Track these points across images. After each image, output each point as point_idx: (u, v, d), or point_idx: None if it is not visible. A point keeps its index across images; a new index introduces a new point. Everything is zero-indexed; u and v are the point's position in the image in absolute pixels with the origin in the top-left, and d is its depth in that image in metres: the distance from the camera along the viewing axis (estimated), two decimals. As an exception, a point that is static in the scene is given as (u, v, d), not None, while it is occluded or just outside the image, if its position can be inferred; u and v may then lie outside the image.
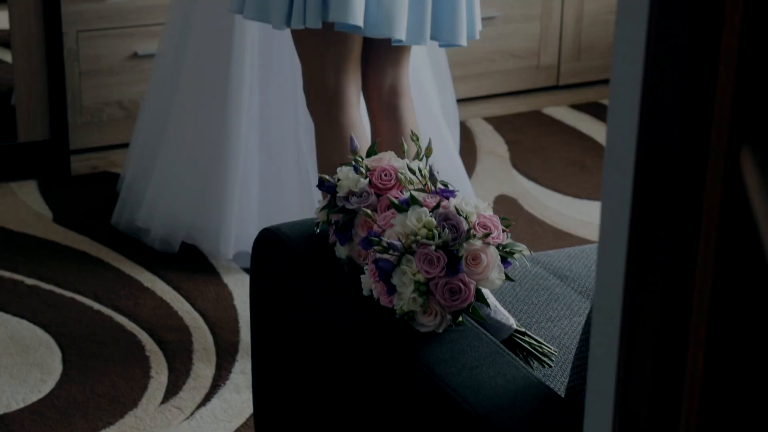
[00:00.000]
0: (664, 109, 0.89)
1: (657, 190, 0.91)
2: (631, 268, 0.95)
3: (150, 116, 3.34)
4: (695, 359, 0.87)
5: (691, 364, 0.88)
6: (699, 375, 0.87)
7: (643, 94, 0.91)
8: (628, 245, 0.95)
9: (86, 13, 3.60)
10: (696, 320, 0.87)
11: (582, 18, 4.27)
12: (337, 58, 2.66)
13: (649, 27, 0.90)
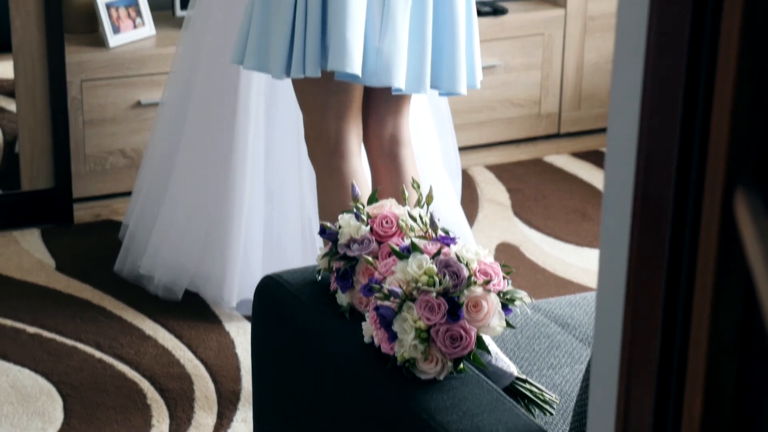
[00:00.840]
0: (660, 155, 0.90)
1: (654, 237, 0.92)
2: (630, 315, 0.96)
3: (153, 164, 3.35)
4: (693, 405, 0.87)
5: (689, 410, 0.88)
6: (697, 421, 0.87)
7: (640, 141, 0.92)
8: (626, 292, 0.95)
9: (90, 63, 3.62)
10: (693, 366, 0.88)
11: (582, 67, 4.30)
12: (337, 107, 2.68)
13: (645, 74, 0.91)
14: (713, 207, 0.80)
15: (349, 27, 2.50)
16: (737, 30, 0.76)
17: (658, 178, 0.91)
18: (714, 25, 0.85)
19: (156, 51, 3.69)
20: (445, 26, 2.65)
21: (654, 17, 0.91)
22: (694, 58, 0.85)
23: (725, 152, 0.77)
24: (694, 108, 0.86)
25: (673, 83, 0.87)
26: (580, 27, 4.26)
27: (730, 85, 0.76)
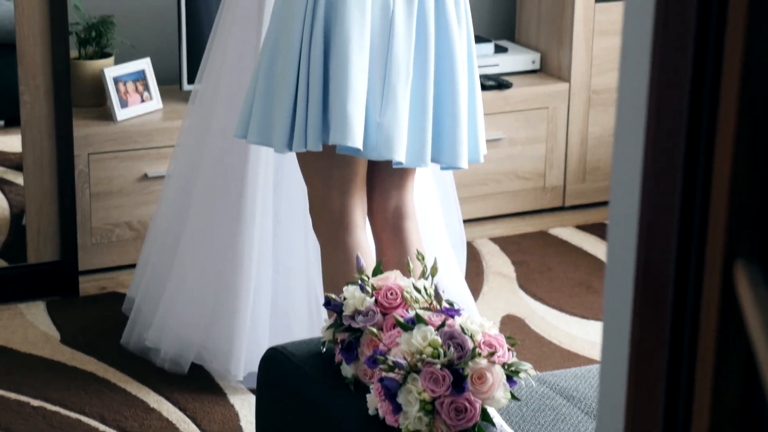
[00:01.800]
0: (661, 228, 0.91)
1: (656, 308, 0.93)
2: (633, 386, 0.96)
3: (159, 236, 3.36)
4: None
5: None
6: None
7: (641, 214, 0.93)
8: (629, 363, 0.96)
9: (98, 136, 3.65)
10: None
11: (586, 140, 4.33)
12: (341, 181, 2.69)
13: (645, 148, 0.92)
14: (713, 279, 0.81)
15: (351, 101, 2.53)
16: (735, 106, 0.77)
17: (659, 251, 0.92)
18: (712, 100, 0.86)
19: (163, 124, 3.72)
20: (446, 100, 2.67)
21: (654, 92, 0.92)
22: (694, 132, 0.87)
23: (724, 225, 0.78)
24: (694, 182, 0.87)
25: (673, 157, 0.88)
26: (584, 101, 4.29)
27: (728, 159, 0.77)
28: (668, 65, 0.92)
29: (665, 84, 0.92)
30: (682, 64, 0.89)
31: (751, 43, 0.80)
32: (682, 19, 0.90)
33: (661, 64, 0.92)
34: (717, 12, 0.87)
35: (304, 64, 2.58)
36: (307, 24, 2.58)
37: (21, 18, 3.43)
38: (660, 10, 0.93)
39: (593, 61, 4.28)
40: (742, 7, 0.82)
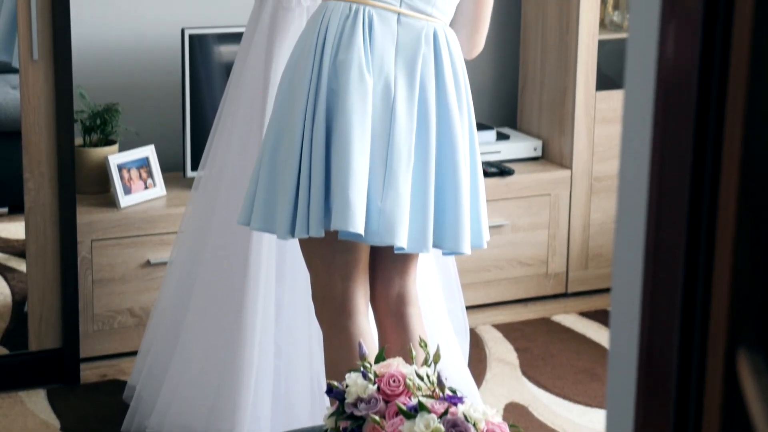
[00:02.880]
0: (664, 317, 0.91)
1: (659, 397, 0.92)
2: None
3: (162, 323, 3.36)
4: None
5: None
6: None
7: (643, 303, 0.93)
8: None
9: (101, 223, 3.66)
10: None
11: (589, 227, 4.33)
12: (344, 267, 2.70)
13: (647, 236, 0.92)
14: (716, 367, 0.81)
15: (352, 187, 2.54)
16: (735, 193, 0.78)
17: (662, 338, 0.92)
18: (713, 187, 0.86)
19: (166, 211, 3.73)
20: (448, 186, 2.68)
21: (654, 180, 0.93)
22: (695, 220, 0.87)
23: (727, 313, 0.78)
24: (696, 269, 0.87)
25: (675, 245, 0.89)
26: (586, 188, 4.31)
27: (730, 246, 0.77)
28: (669, 153, 0.92)
29: (666, 172, 0.92)
30: (682, 152, 0.90)
31: (750, 131, 0.81)
32: (682, 107, 0.91)
33: (661, 152, 0.93)
34: (716, 100, 0.87)
35: (307, 150, 2.60)
36: (309, 110, 2.61)
37: (27, 106, 3.46)
38: (659, 98, 0.94)
39: (595, 148, 4.31)
40: (741, 95, 0.83)
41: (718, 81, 0.86)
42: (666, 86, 0.93)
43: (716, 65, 0.87)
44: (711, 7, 0.88)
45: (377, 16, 2.64)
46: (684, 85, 0.90)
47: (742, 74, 0.84)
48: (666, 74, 0.93)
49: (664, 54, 0.94)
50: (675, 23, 0.92)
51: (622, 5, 4.47)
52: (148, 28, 4.01)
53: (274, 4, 3.10)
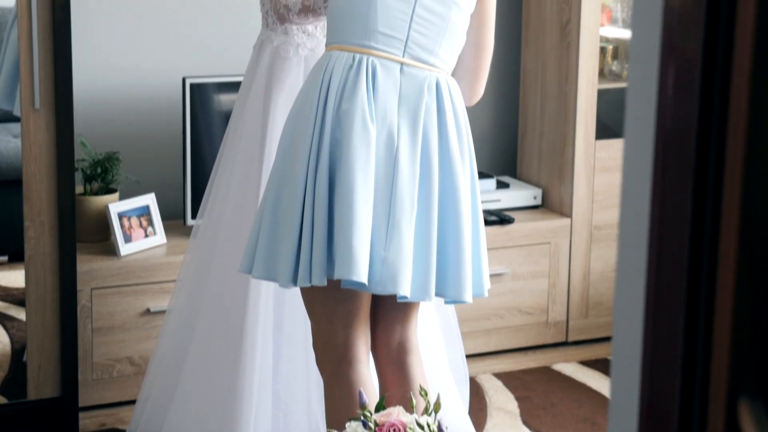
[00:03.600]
0: (664, 368, 0.90)
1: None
2: None
3: (160, 370, 3.34)
4: None
5: None
6: None
7: (644, 352, 0.93)
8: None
9: (101, 271, 3.66)
10: None
11: (589, 275, 4.33)
12: (345, 315, 2.69)
13: (647, 284, 0.92)
14: (718, 417, 0.81)
15: (356, 235, 2.54)
16: (735, 242, 0.78)
17: (663, 388, 0.92)
18: (713, 237, 0.87)
19: (166, 259, 3.73)
20: (449, 235, 2.68)
21: (654, 229, 0.93)
22: (695, 269, 0.87)
23: (727, 363, 0.78)
24: (697, 318, 0.87)
25: (675, 294, 0.88)
26: (586, 236, 4.31)
27: (730, 297, 0.77)
28: (669, 202, 0.92)
29: (666, 221, 0.93)
30: (682, 201, 0.90)
31: (750, 181, 0.81)
32: (682, 156, 0.91)
33: (661, 201, 0.93)
34: (716, 149, 0.88)
35: (309, 199, 2.60)
36: (312, 159, 2.61)
37: (28, 155, 3.47)
38: (659, 147, 0.95)
39: (594, 197, 4.32)
40: (740, 144, 0.83)
41: (717, 130, 0.87)
42: (665, 135, 0.94)
43: (715, 115, 0.87)
44: (709, 57, 0.89)
45: (380, 66, 2.66)
46: (683, 134, 0.91)
47: (741, 123, 0.84)
48: (665, 123, 0.94)
49: (663, 103, 0.94)
50: (674, 73, 0.93)
51: (621, 55, 4.49)
52: (149, 77, 4.03)
53: (271, 53, 3.11)
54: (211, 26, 4.08)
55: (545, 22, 4.34)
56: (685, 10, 0.89)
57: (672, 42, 0.92)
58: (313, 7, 2.97)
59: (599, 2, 4.19)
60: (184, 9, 4.04)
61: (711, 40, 0.87)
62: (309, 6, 2.97)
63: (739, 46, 0.84)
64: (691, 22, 0.89)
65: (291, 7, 2.99)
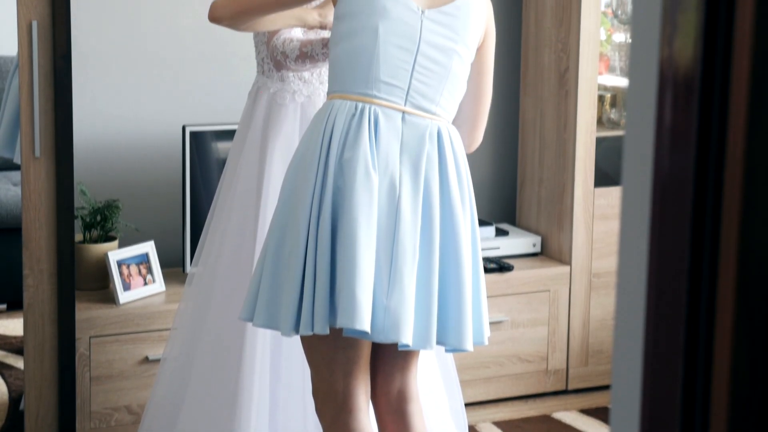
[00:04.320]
0: (662, 416, 0.90)
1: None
2: None
3: (156, 418, 3.33)
4: None
5: None
6: None
7: (643, 402, 0.93)
8: None
9: (100, 319, 3.66)
10: None
11: (588, 323, 4.32)
12: (346, 363, 2.69)
13: (646, 332, 0.92)
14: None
15: (358, 284, 2.54)
16: (732, 292, 0.78)
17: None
18: (711, 286, 0.87)
19: (165, 307, 3.73)
20: (451, 283, 2.68)
21: (653, 277, 0.93)
22: (693, 318, 0.87)
23: (726, 413, 0.78)
24: (695, 369, 0.87)
25: (674, 343, 0.88)
26: (586, 284, 4.31)
27: (728, 346, 0.77)
28: (666, 250, 0.93)
29: (664, 268, 0.93)
30: (680, 248, 0.90)
31: (747, 229, 0.82)
32: (679, 204, 0.91)
33: (659, 249, 0.93)
34: (713, 199, 0.88)
35: (312, 247, 2.60)
36: (314, 207, 2.62)
37: (28, 203, 3.47)
38: (657, 195, 0.95)
39: (593, 244, 4.32)
40: (737, 193, 0.84)
41: (714, 178, 0.87)
42: (663, 183, 0.94)
43: (712, 162, 0.87)
44: (706, 107, 0.89)
45: (382, 114, 2.67)
46: (680, 182, 0.91)
47: (737, 171, 0.84)
48: (663, 171, 0.94)
49: (660, 151, 0.95)
50: (671, 122, 0.93)
51: (620, 103, 4.51)
52: (149, 125, 4.04)
53: (268, 100, 3.12)
54: (211, 74, 4.10)
55: (543, 71, 4.36)
56: (682, 61, 0.90)
57: (669, 91, 0.92)
58: (310, 54, 2.98)
59: (597, 51, 4.21)
60: (184, 58, 4.06)
61: (707, 90, 0.88)
62: (307, 53, 2.99)
63: (735, 97, 0.84)
64: (688, 73, 0.89)
65: (288, 54, 3.01)
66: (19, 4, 3.40)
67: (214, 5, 2.82)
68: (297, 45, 3.00)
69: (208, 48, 4.08)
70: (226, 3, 2.80)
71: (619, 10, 4.48)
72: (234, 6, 2.79)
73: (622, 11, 4.48)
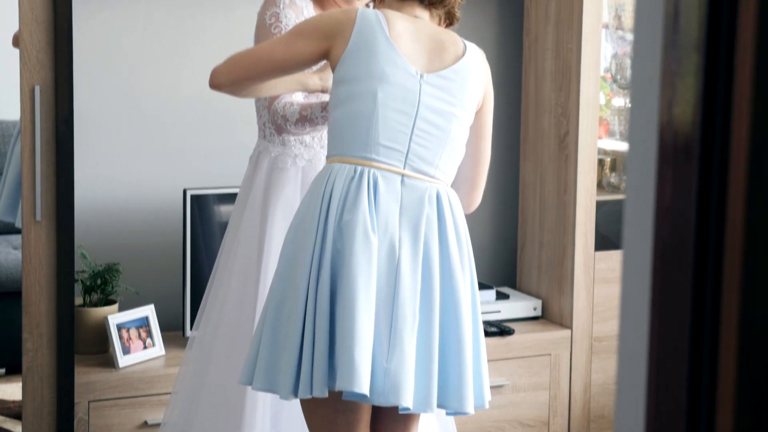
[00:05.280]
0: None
1: None
2: None
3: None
4: None
5: None
6: None
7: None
8: None
9: (99, 384, 3.64)
10: None
11: (590, 388, 4.30)
12: (346, 427, 2.67)
13: (648, 398, 0.92)
14: None
15: (357, 346, 2.53)
16: (734, 353, 0.78)
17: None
18: (712, 350, 0.86)
19: (165, 371, 3.71)
20: (451, 345, 2.68)
21: (654, 343, 0.93)
22: (695, 383, 0.87)
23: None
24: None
25: (675, 410, 0.88)
26: (587, 348, 4.29)
27: (730, 410, 0.77)
28: (667, 314, 0.92)
29: (665, 332, 0.92)
30: (681, 313, 0.90)
31: (747, 292, 0.81)
32: (680, 268, 0.91)
33: (660, 313, 0.93)
34: (714, 263, 0.88)
35: (311, 310, 2.60)
36: (314, 270, 2.62)
37: (28, 267, 3.47)
38: (657, 260, 0.95)
39: (594, 308, 4.31)
40: (738, 257, 0.84)
41: (714, 244, 0.87)
42: (663, 248, 0.94)
43: (712, 230, 0.88)
44: (705, 170, 0.90)
45: (382, 177, 2.67)
46: (681, 246, 0.91)
47: (737, 235, 0.84)
48: (663, 236, 0.94)
49: (660, 216, 0.95)
50: (671, 185, 0.93)
51: (619, 167, 4.53)
52: (150, 189, 4.05)
53: (269, 164, 3.13)
54: (212, 138, 4.11)
55: (543, 135, 4.38)
56: (681, 126, 0.90)
57: (668, 156, 0.93)
58: (310, 117, 3.00)
59: (596, 115, 4.23)
60: (185, 121, 4.08)
61: (707, 155, 0.88)
62: (307, 116, 3.00)
63: (734, 162, 0.84)
64: (687, 138, 0.90)
65: (289, 117, 3.02)
66: (23, 68, 3.43)
67: (215, 72, 2.83)
68: (297, 108, 3.01)
69: (209, 111, 4.10)
70: (226, 70, 2.81)
71: (619, 74, 4.52)
72: (235, 73, 2.80)
73: (622, 76, 4.51)
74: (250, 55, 2.80)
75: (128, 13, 3.99)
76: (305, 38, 2.75)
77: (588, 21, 4.17)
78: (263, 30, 3.07)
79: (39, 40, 3.43)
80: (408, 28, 2.75)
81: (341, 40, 2.72)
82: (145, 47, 4.01)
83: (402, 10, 2.80)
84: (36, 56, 3.43)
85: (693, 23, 0.89)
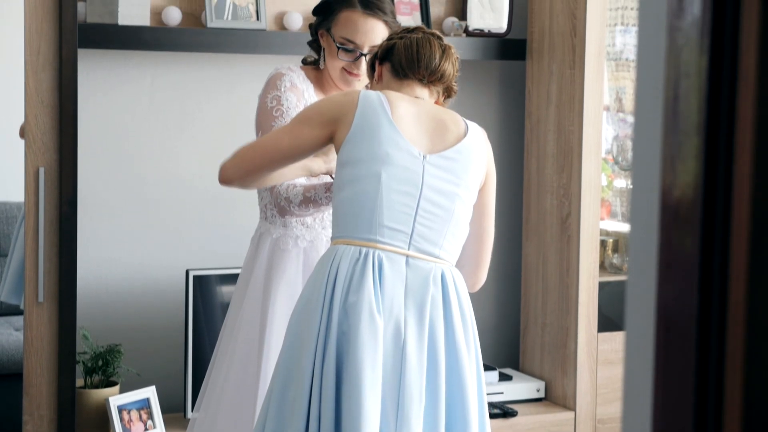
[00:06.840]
0: None
1: None
2: None
3: None
4: None
5: None
6: None
7: None
8: None
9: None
10: None
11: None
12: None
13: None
14: None
15: (364, 428, 2.52)
16: (739, 406, 0.77)
17: None
18: (718, 398, 0.86)
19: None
20: (457, 426, 2.67)
21: (658, 422, 0.93)
22: None
23: None
24: None
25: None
26: (590, 430, 4.27)
27: None
28: (670, 396, 0.92)
29: (668, 415, 0.92)
30: (684, 395, 0.90)
31: (751, 375, 0.81)
32: (683, 350, 0.91)
33: (663, 395, 0.93)
34: (716, 344, 0.88)
35: (316, 392, 2.59)
36: (319, 352, 2.61)
37: (30, 348, 3.47)
38: (660, 341, 0.95)
39: (598, 390, 4.29)
40: (740, 339, 0.84)
41: (717, 325, 0.87)
42: (666, 329, 0.94)
43: (714, 309, 0.88)
44: (707, 251, 0.90)
45: (386, 259, 2.68)
46: (684, 328, 0.91)
47: (740, 316, 0.85)
48: (666, 317, 0.94)
49: (663, 297, 0.95)
50: (673, 267, 0.94)
51: (622, 248, 4.53)
52: (152, 270, 4.06)
53: (271, 245, 3.13)
54: (214, 219, 4.13)
55: (546, 216, 4.39)
56: (681, 208, 0.91)
57: (670, 237, 0.93)
58: (314, 199, 3.00)
59: (598, 197, 4.25)
60: (187, 203, 4.10)
61: (708, 235, 0.89)
62: (310, 198, 3.01)
63: (735, 241, 0.85)
64: (688, 219, 0.90)
65: (292, 199, 3.02)
66: (27, 151, 3.45)
67: (224, 168, 2.83)
68: (300, 190, 3.02)
69: (210, 193, 4.11)
70: (234, 165, 2.82)
71: (620, 156, 4.54)
72: (243, 166, 2.81)
73: (623, 158, 4.54)
74: (256, 147, 2.81)
75: (131, 96, 4.02)
76: (309, 125, 2.77)
77: (589, 103, 4.21)
78: (265, 114, 3.08)
79: (44, 122, 3.45)
80: (410, 109, 2.77)
81: (344, 123, 2.74)
82: (147, 129, 4.05)
83: (401, 90, 2.82)
84: (41, 139, 3.46)
85: (693, 107, 0.90)
